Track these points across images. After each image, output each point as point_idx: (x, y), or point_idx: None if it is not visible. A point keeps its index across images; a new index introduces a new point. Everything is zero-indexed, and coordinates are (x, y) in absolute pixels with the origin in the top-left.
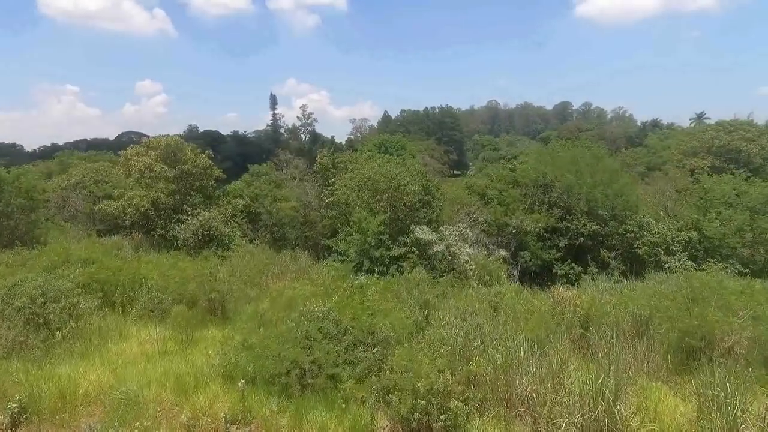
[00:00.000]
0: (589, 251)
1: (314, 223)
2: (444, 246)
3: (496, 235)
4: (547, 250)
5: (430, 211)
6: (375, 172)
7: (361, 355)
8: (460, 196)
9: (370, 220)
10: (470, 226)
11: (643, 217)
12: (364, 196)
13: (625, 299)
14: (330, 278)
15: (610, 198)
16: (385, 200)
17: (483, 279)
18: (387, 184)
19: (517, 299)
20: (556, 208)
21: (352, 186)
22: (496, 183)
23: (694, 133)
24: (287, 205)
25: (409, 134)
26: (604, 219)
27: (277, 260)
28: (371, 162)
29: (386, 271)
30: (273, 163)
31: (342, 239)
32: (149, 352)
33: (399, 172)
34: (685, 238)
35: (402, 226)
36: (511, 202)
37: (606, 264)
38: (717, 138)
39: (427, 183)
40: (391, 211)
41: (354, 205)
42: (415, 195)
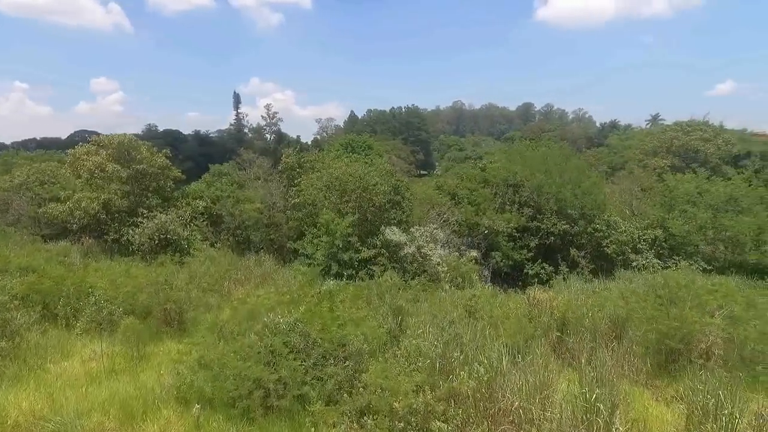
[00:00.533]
0: (559, 251)
1: (280, 225)
2: (415, 247)
3: (467, 235)
4: (518, 250)
5: (399, 212)
6: (342, 171)
7: (332, 371)
8: (430, 196)
9: (338, 222)
10: (441, 227)
11: (610, 215)
12: (332, 197)
13: (601, 300)
14: (296, 283)
15: (578, 197)
16: (354, 201)
17: (455, 281)
18: (355, 184)
19: (492, 302)
20: (526, 207)
21: (319, 186)
22: (466, 182)
23: (653, 133)
24: (250, 206)
25: (375, 134)
26: (573, 218)
27: (240, 265)
28: (338, 161)
29: (355, 274)
30: (235, 163)
31: (309, 242)
32: (94, 371)
33: (367, 171)
34: (651, 237)
35: (371, 227)
36: (482, 201)
37: (576, 263)
38: (676, 138)
39: (396, 183)
40: (359, 212)
41: (321, 206)
42: (385, 195)
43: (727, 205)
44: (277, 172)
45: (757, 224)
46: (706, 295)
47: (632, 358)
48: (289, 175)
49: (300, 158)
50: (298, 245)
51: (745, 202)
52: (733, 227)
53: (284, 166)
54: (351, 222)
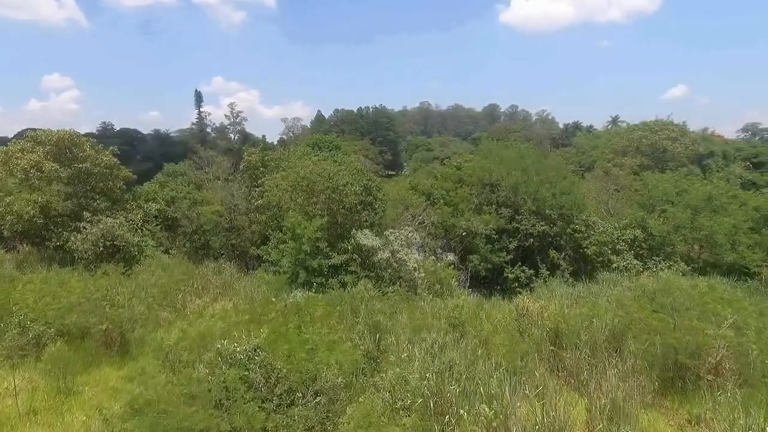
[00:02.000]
0: (538, 252)
1: (242, 229)
2: (389, 252)
3: (443, 237)
4: (496, 253)
5: (372, 214)
6: (310, 170)
7: (300, 413)
8: (404, 197)
9: (305, 225)
10: (416, 230)
11: (589, 216)
12: (298, 198)
13: (596, 309)
14: (260, 294)
15: (556, 197)
16: (322, 202)
17: (433, 288)
18: (324, 184)
19: (477, 313)
20: (504, 208)
21: (285, 186)
22: (441, 182)
23: (620, 133)
24: (209, 208)
25: (343, 134)
26: (552, 219)
27: (197, 273)
28: (305, 160)
29: (326, 282)
30: (193, 162)
31: (273, 247)
32: (7, 413)
33: (337, 170)
34: (630, 237)
35: (342, 230)
36: (458, 202)
37: (556, 265)
38: (644, 137)
39: (368, 182)
40: (329, 215)
41: (287, 208)
42: (356, 196)
43: (706, 205)
44: (239, 172)
45: (732, 224)
46: (713, 303)
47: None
48: (252, 175)
49: (264, 156)
50: (262, 251)
51: (719, 202)
52: (712, 227)
53: (247, 165)
54: (320, 225)
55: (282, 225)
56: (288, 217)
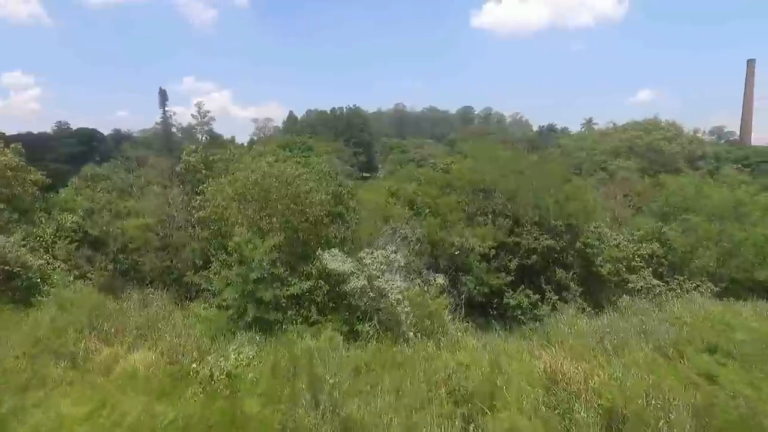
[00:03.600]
0: (542, 272)
1: (180, 248)
2: (365, 279)
3: (430, 255)
4: (494, 274)
5: (343, 228)
6: (264, 174)
7: None
8: (382, 206)
9: (256, 245)
10: (398, 248)
11: (598, 226)
12: (249, 210)
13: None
14: (191, 341)
15: (562, 205)
16: (280, 214)
17: (422, 324)
18: (282, 192)
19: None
20: (501, 218)
21: (231, 194)
22: (426, 187)
23: (609, 133)
24: (135, 222)
25: (316, 135)
26: (558, 231)
27: (114, 308)
28: (260, 160)
29: (283, 318)
30: (119, 164)
31: (216, 273)
32: None
33: (299, 174)
34: (647, 252)
35: (304, 251)
36: (447, 212)
37: (563, 286)
38: (639, 137)
39: (338, 189)
40: (287, 230)
41: (233, 223)
42: (323, 206)
43: (731, 213)
44: (177, 175)
45: (764, 235)
46: None
47: None
48: (194, 179)
49: (207, 156)
50: (201, 277)
51: (746, 209)
52: (746, 240)
53: (185, 167)
54: (275, 244)
55: (227, 244)
56: (234, 235)
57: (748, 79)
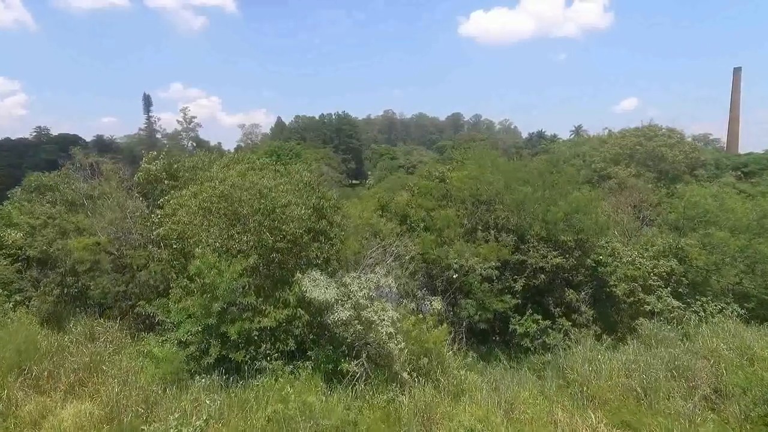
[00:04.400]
0: (549, 292)
1: (138, 270)
2: (351, 309)
3: (424, 274)
4: (498, 297)
5: (326, 247)
6: (233, 185)
7: None
8: (370, 221)
9: (221, 269)
10: (390, 269)
11: (609, 241)
12: (215, 228)
13: None
14: (138, 391)
15: (572, 218)
16: (252, 233)
17: (419, 363)
18: (254, 206)
19: None
20: (504, 233)
21: (194, 209)
22: (420, 199)
23: (606, 139)
24: (84, 241)
25: (304, 142)
26: (568, 247)
27: (53, 345)
28: (231, 169)
29: (255, 353)
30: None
31: (175, 302)
32: None
33: (275, 185)
34: (665, 270)
35: (280, 274)
36: (444, 226)
37: (573, 308)
38: (639, 144)
39: (320, 202)
40: (261, 251)
41: (196, 242)
42: (302, 222)
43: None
44: (138, 186)
45: None
46: None
47: None
48: (153, 192)
49: (171, 164)
50: (156, 307)
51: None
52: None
53: (144, 177)
54: (245, 268)
55: (189, 267)
56: (196, 257)
57: (735, 86)
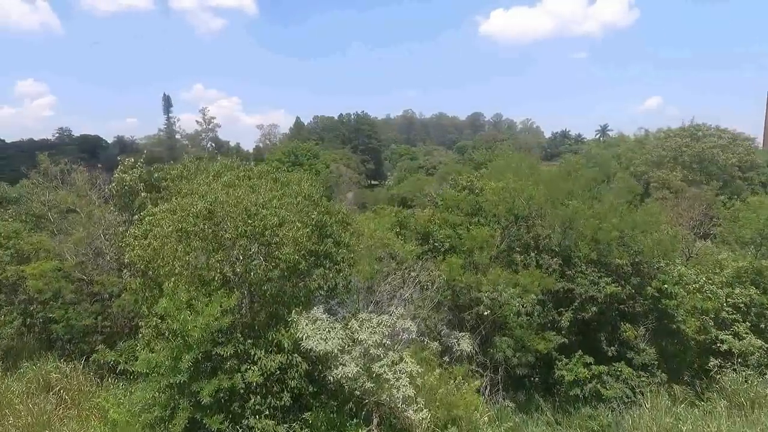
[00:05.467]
0: (601, 327)
1: (109, 300)
2: (360, 358)
3: (451, 305)
4: (540, 335)
5: (331, 274)
6: (214, 201)
7: None
8: (385, 241)
9: (199, 309)
10: (409, 299)
11: (669, 263)
12: (191, 254)
13: None
14: None
15: (628, 237)
16: (237, 260)
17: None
18: (241, 228)
19: None
20: (546, 254)
21: (168, 230)
22: (446, 213)
23: (643, 139)
24: (40, 267)
25: (323, 142)
26: (624, 272)
27: None
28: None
29: (240, 415)
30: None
31: (144, 346)
32: None
33: (267, 200)
34: (743, 300)
35: (274, 310)
36: (476, 248)
37: (630, 346)
38: (686, 145)
39: (323, 218)
40: (249, 283)
41: (168, 273)
42: (300, 245)
43: None
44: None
45: None
46: None
47: None
48: (130, 205)
49: (152, 174)
50: (123, 350)
51: None
52: None
53: (117, 188)
54: (226, 309)
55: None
56: (166, 293)
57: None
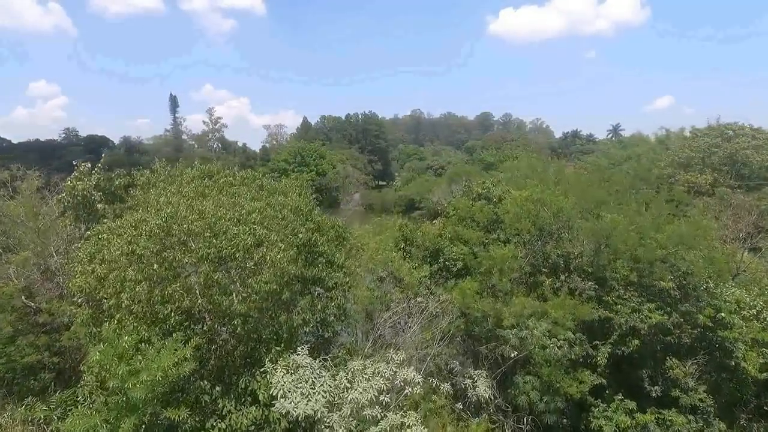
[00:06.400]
0: (643, 362)
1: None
2: (351, 422)
3: (463, 336)
4: (573, 374)
5: (321, 305)
6: (170, 217)
7: None
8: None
9: (150, 358)
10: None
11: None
12: (143, 283)
13: None
14: None
15: (674, 255)
16: (197, 292)
17: None
18: (203, 250)
19: None
20: (576, 275)
21: (116, 254)
22: (459, 227)
23: (664, 139)
24: None
25: (330, 142)
26: (670, 297)
27: None
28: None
29: None
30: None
31: (85, 398)
32: None
33: (247, 214)
34: None
35: (247, 352)
36: (495, 269)
37: (679, 385)
38: (716, 146)
39: (312, 237)
40: (214, 321)
41: (112, 307)
42: (282, 269)
43: None
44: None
45: None
46: None
47: None
48: (86, 217)
49: (112, 180)
50: (59, 401)
51: None
52: None
53: (68, 197)
54: (185, 357)
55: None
56: (104, 334)
57: None
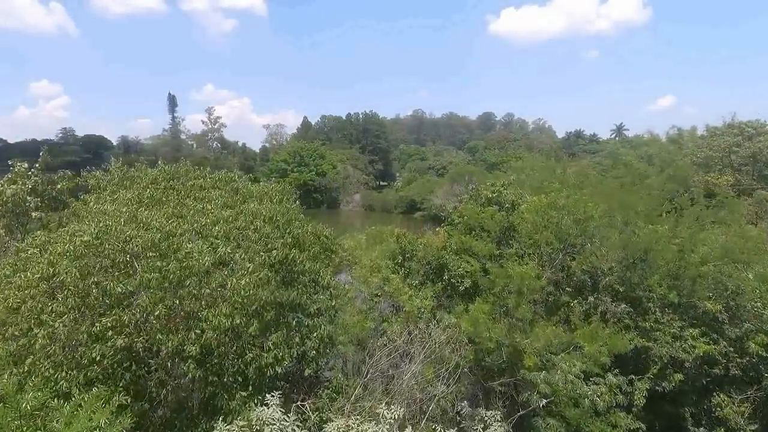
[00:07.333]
0: (685, 399)
1: None
2: None
3: (473, 369)
4: (604, 415)
5: (303, 333)
6: (102, 232)
7: None
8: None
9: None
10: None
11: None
12: (65, 316)
13: None
14: None
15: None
16: (139, 329)
17: None
18: (142, 276)
19: None
20: (604, 295)
21: (33, 280)
22: (466, 237)
23: (677, 139)
24: None
25: (330, 142)
26: (716, 324)
27: None
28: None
29: None
30: None
31: None
32: None
33: (209, 224)
34: None
35: (204, 400)
36: (510, 292)
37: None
38: (737, 145)
39: (290, 254)
40: (160, 365)
41: (25, 348)
42: (248, 298)
43: None
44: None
45: None
46: None
47: None
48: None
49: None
50: None
51: None
52: None
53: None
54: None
55: None
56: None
57: None
